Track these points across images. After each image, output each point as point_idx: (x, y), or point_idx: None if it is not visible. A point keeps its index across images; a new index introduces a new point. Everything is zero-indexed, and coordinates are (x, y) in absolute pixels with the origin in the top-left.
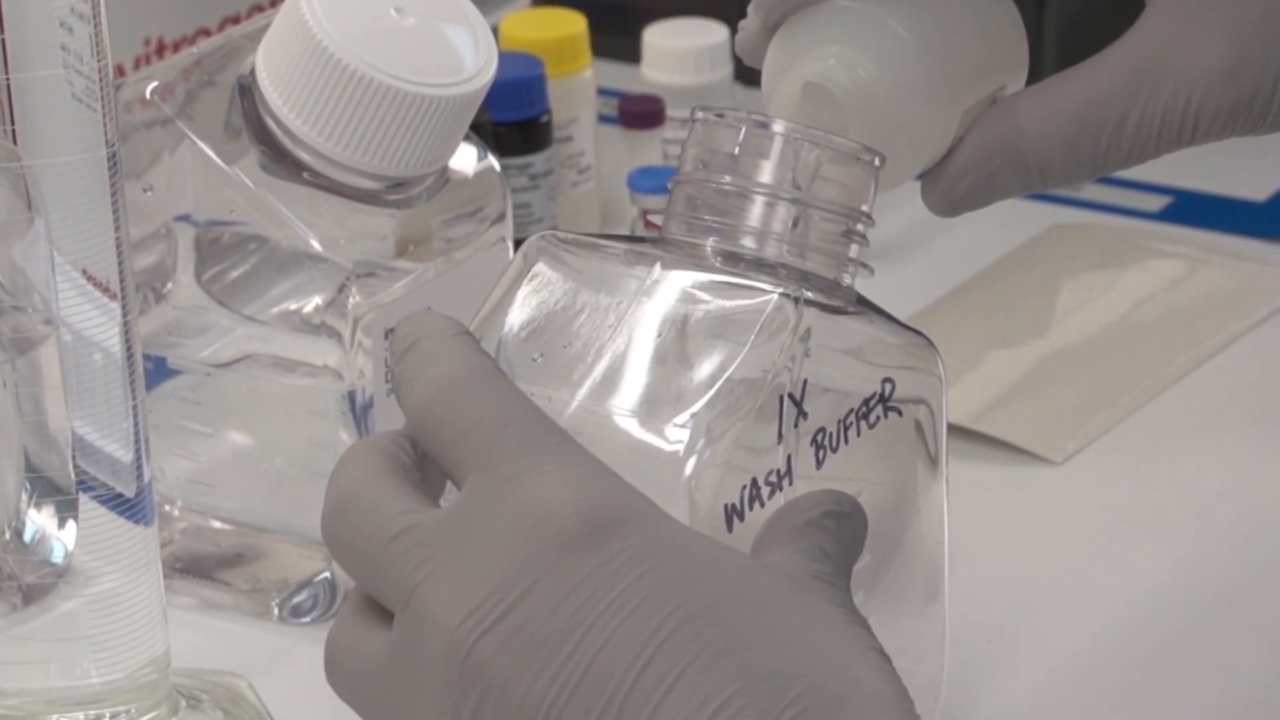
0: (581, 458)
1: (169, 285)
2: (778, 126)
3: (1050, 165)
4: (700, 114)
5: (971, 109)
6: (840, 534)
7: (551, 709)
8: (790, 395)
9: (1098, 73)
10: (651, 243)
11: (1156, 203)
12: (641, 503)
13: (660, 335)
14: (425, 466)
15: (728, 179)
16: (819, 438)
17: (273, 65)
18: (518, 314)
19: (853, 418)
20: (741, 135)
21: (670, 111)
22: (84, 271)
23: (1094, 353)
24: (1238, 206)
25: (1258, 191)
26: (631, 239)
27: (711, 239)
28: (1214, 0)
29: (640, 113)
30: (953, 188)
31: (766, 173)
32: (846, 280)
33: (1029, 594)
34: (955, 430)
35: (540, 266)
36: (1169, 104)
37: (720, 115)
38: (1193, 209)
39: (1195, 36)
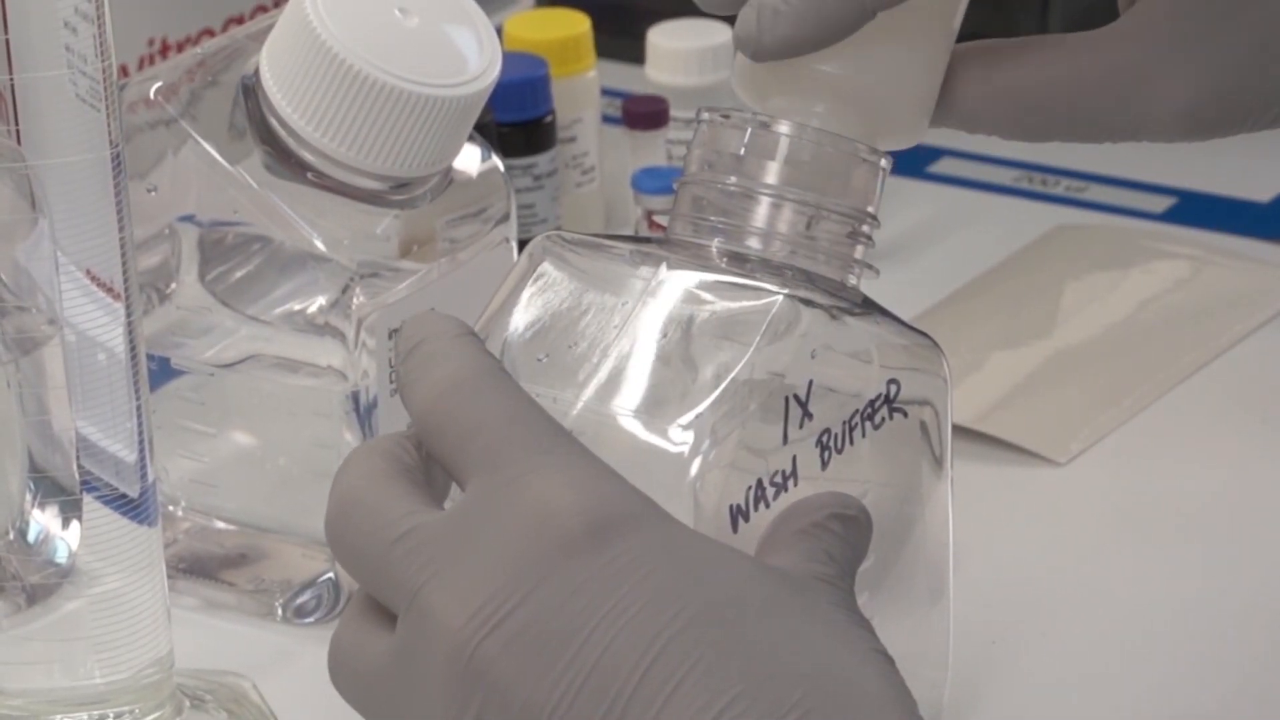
0: (586, 459)
1: (173, 286)
2: (783, 127)
3: (996, 132)
4: (706, 115)
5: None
6: (845, 536)
7: (555, 711)
8: (795, 396)
9: (1055, 70)
10: (657, 243)
11: (1160, 203)
12: (645, 504)
13: (665, 336)
14: (431, 468)
15: (733, 180)
16: (824, 438)
17: (276, 65)
18: (523, 315)
19: (858, 419)
20: (747, 136)
21: (674, 112)
22: (88, 272)
23: (1098, 353)
24: (1242, 207)
25: (1262, 192)
26: (637, 239)
27: (717, 240)
28: (1186, 38)
29: (644, 113)
30: None
31: (772, 173)
32: (852, 281)
33: (1032, 595)
34: (958, 431)
35: (546, 267)
36: (1119, 128)
37: (726, 116)
38: (1197, 210)
39: (1160, 73)
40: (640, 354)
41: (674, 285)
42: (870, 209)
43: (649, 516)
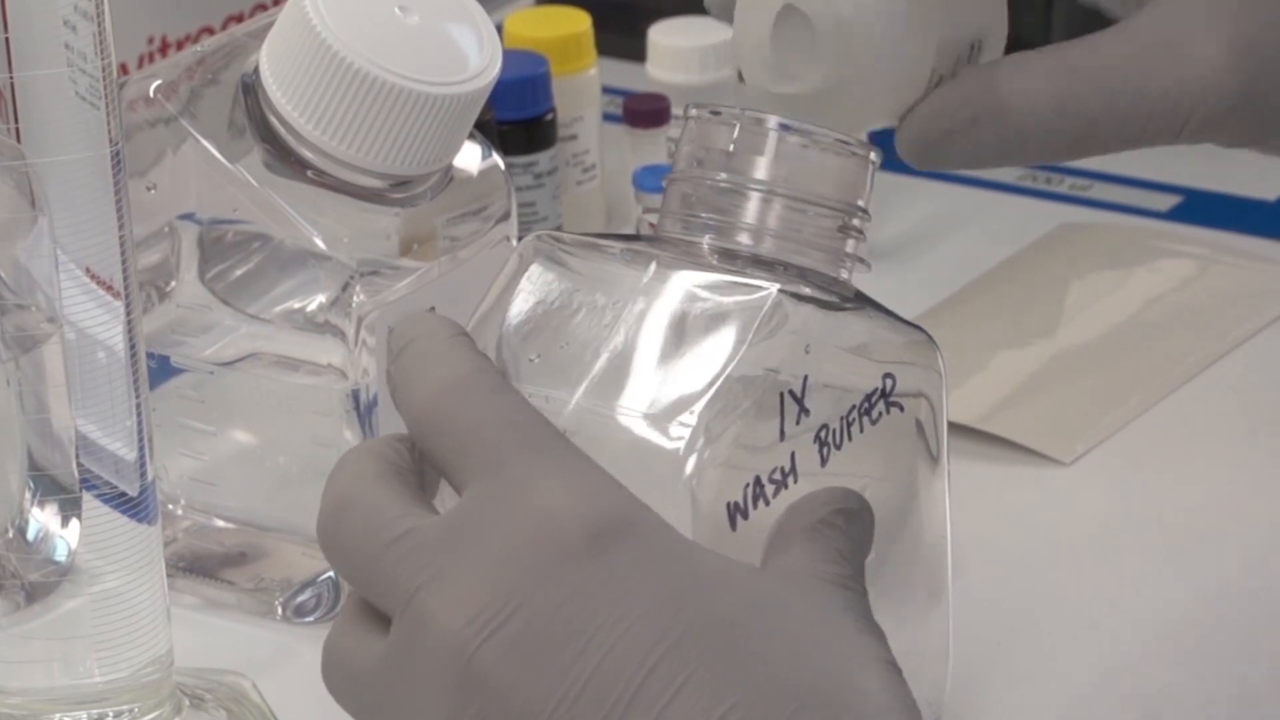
0: (585, 464)
1: (172, 284)
2: (772, 123)
3: (1029, 127)
4: (694, 111)
5: (947, 58)
6: (851, 532)
7: (553, 717)
8: (790, 392)
9: (1087, 49)
10: (648, 241)
11: (1166, 202)
12: (644, 511)
13: (658, 334)
14: (423, 470)
15: (722, 176)
16: (822, 434)
17: (276, 63)
18: (514, 315)
19: (855, 414)
20: (736, 132)
21: (675, 110)
22: (88, 270)
23: (1103, 353)
24: (1248, 206)
25: (1268, 191)
26: (628, 238)
27: (707, 236)
28: (1218, 9)
29: (645, 111)
30: (927, 127)
31: (761, 169)
32: (844, 276)
33: (1037, 595)
34: (963, 430)
35: (536, 267)
36: (1158, 103)
37: (715, 112)
38: (1203, 208)
39: (1194, 40)
40: (633, 352)
41: (666, 283)
42: (860, 202)
43: (647, 523)
